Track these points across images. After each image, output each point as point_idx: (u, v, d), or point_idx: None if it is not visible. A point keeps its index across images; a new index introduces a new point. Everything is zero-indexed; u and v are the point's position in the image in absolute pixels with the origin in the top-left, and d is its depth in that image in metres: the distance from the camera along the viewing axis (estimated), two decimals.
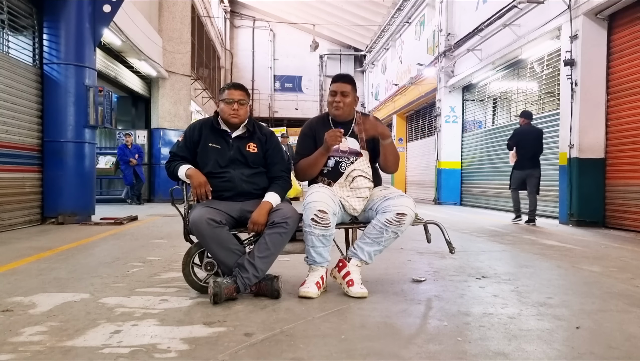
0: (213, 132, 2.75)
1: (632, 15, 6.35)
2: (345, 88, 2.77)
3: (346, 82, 2.80)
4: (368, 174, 2.73)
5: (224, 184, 2.66)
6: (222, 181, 2.66)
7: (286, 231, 2.51)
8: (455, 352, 1.78)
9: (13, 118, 5.69)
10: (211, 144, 2.72)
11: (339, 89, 2.77)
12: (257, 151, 2.75)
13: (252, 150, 2.74)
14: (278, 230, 2.49)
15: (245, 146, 2.73)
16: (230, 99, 2.67)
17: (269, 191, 2.65)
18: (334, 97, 2.78)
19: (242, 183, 2.66)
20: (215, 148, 2.71)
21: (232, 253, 2.48)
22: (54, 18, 6.24)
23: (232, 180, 2.66)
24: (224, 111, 2.70)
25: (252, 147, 2.74)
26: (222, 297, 2.37)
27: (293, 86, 24.03)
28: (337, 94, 2.77)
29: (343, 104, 2.77)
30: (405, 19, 16.35)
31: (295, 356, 1.72)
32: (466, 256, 4.04)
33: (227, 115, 2.68)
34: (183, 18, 12.80)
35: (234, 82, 2.96)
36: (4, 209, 5.48)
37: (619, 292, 2.78)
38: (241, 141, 2.74)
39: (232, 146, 2.72)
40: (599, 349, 1.84)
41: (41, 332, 1.95)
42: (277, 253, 2.53)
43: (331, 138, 2.60)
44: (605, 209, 6.82)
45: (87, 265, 3.43)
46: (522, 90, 9.52)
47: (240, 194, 2.67)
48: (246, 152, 2.72)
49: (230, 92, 2.70)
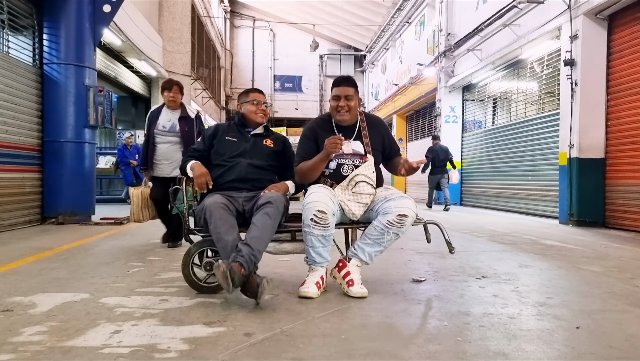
0: (231, 128, 2.98)
1: (632, 15, 6.35)
2: (349, 91, 2.72)
3: (349, 85, 2.75)
4: (372, 180, 2.70)
5: (228, 170, 2.80)
6: (230, 165, 2.80)
7: (272, 209, 2.48)
8: (455, 352, 1.78)
9: (13, 118, 5.69)
10: (228, 137, 2.92)
11: (342, 93, 2.72)
12: (274, 147, 2.97)
13: (269, 145, 2.96)
14: (264, 210, 2.49)
15: (263, 141, 2.96)
16: (258, 101, 2.97)
17: (288, 181, 2.87)
18: (338, 102, 2.72)
19: (247, 170, 2.79)
20: (232, 141, 2.90)
21: (234, 239, 2.42)
22: (54, 18, 6.24)
23: (237, 166, 2.80)
24: (251, 110, 2.95)
25: (269, 142, 2.98)
26: (237, 278, 2.22)
27: (293, 86, 24.04)
28: (341, 99, 2.72)
29: (348, 108, 2.72)
30: (405, 19, 16.35)
31: (295, 356, 1.72)
32: (466, 256, 4.04)
33: (255, 114, 2.95)
34: (183, 18, 12.81)
35: (254, 87, 3.28)
36: (4, 209, 5.48)
37: (619, 292, 2.78)
38: (259, 137, 2.97)
39: (249, 139, 2.93)
40: (599, 349, 1.84)
41: (41, 332, 1.95)
42: (268, 232, 2.44)
43: (331, 146, 2.53)
44: (605, 209, 6.82)
45: (87, 265, 3.42)
46: (522, 90, 9.52)
47: (241, 179, 2.75)
48: (262, 145, 2.93)
49: (256, 95, 3.00)
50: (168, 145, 4.30)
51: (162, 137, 4.30)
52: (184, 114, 4.34)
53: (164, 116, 4.34)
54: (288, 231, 2.71)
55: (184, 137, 4.29)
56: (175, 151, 4.29)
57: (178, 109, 4.37)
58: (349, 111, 2.73)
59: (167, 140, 4.30)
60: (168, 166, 4.29)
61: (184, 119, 4.32)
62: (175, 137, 4.30)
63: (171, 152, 4.29)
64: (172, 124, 4.31)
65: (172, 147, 4.30)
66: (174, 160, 4.26)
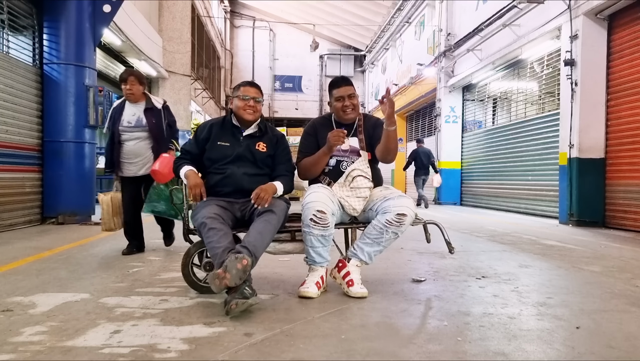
0: (224, 130, 2.76)
1: (632, 15, 6.35)
2: (351, 90, 2.82)
3: (349, 84, 2.86)
4: (368, 174, 2.73)
5: (224, 180, 2.65)
6: (224, 177, 2.65)
7: (274, 217, 2.46)
8: (455, 352, 1.78)
9: (13, 118, 5.69)
10: (220, 142, 2.72)
11: (345, 92, 2.81)
12: (267, 150, 2.75)
13: (262, 149, 2.74)
14: (265, 217, 2.45)
15: (255, 145, 2.73)
16: (246, 96, 2.70)
17: (275, 181, 2.66)
18: (343, 102, 2.80)
19: (242, 180, 2.64)
20: (225, 146, 2.71)
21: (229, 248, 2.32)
22: (54, 18, 6.24)
23: (232, 176, 2.64)
24: (239, 106, 2.70)
25: (262, 146, 2.75)
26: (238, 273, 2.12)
27: (293, 86, 24.04)
28: (345, 98, 2.80)
29: (353, 106, 2.81)
30: (405, 19, 16.35)
31: (295, 356, 1.72)
32: (466, 256, 4.04)
33: (243, 110, 2.69)
34: (183, 18, 12.82)
35: (248, 80, 2.96)
36: (4, 209, 5.48)
37: (619, 292, 2.78)
38: (251, 140, 2.75)
39: (242, 143, 2.72)
40: (599, 349, 1.84)
41: (41, 332, 1.95)
42: (267, 238, 2.41)
43: (334, 138, 2.60)
44: (605, 209, 6.82)
45: (87, 265, 3.42)
46: (522, 90, 9.53)
47: (239, 191, 2.64)
48: (255, 151, 2.72)
49: (246, 88, 2.73)
50: (136, 141, 3.91)
51: (128, 133, 3.90)
52: (149, 106, 3.94)
53: (127, 110, 3.94)
54: (288, 231, 2.71)
55: (152, 131, 3.90)
56: (144, 147, 3.92)
57: (142, 101, 3.97)
58: (354, 109, 2.82)
59: (135, 136, 3.91)
60: (138, 165, 3.92)
61: (149, 111, 3.92)
62: (143, 132, 3.90)
63: (140, 149, 3.91)
64: (138, 118, 3.91)
65: (140, 144, 3.91)
66: (144, 157, 3.91)
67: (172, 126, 4.05)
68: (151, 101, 3.98)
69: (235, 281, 2.12)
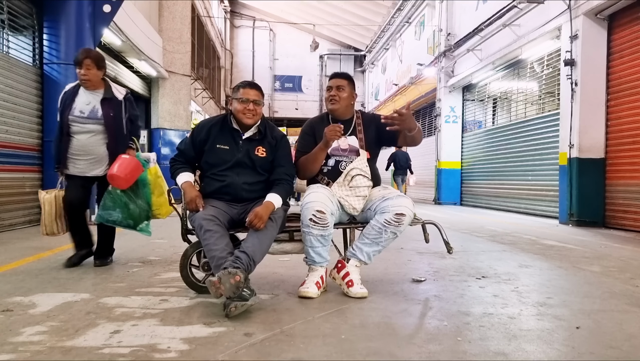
0: (223, 132, 2.67)
1: (632, 15, 6.35)
2: (341, 83, 2.82)
3: (342, 77, 2.85)
4: (367, 173, 2.73)
5: (224, 188, 2.62)
6: (223, 185, 2.62)
7: (271, 223, 2.45)
8: (455, 352, 1.78)
9: (13, 118, 5.69)
10: (219, 145, 2.64)
11: (334, 84, 2.83)
12: (266, 155, 2.67)
13: (261, 154, 2.66)
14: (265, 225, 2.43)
15: (255, 150, 2.65)
16: (245, 98, 2.59)
17: (272, 192, 2.56)
18: (330, 92, 2.83)
19: (242, 191, 2.62)
20: (224, 149, 2.64)
21: (225, 250, 2.34)
22: (54, 18, 6.24)
23: (231, 185, 2.61)
24: (238, 110, 2.60)
25: (262, 151, 2.67)
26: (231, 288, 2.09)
27: (293, 86, 24.05)
28: (333, 89, 2.81)
29: (339, 97, 2.80)
30: (405, 19, 16.36)
31: (295, 356, 1.72)
32: (466, 256, 4.04)
33: (242, 114, 2.60)
34: (183, 18, 12.80)
35: (249, 80, 2.83)
36: (4, 209, 5.48)
37: (619, 292, 2.78)
38: (251, 144, 2.66)
39: (241, 148, 2.64)
40: (599, 349, 1.84)
41: (41, 332, 1.95)
42: (265, 244, 2.40)
43: (330, 133, 2.60)
44: (605, 209, 6.82)
45: (87, 265, 3.42)
46: (522, 90, 9.53)
47: (238, 199, 2.63)
48: (254, 157, 2.64)
49: (245, 90, 2.62)
50: (88, 136, 3.29)
51: (79, 125, 3.28)
52: (108, 95, 3.36)
53: (81, 97, 3.34)
54: (287, 231, 2.70)
55: (108, 125, 3.30)
56: (98, 143, 3.31)
57: (100, 89, 3.38)
58: (339, 100, 2.80)
59: (87, 129, 3.29)
60: (88, 163, 3.32)
61: (107, 102, 3.34)
62: (98, 126, 3.30)
63: (92, 144, 3.30)
64: (93, 108, 3.31)
65: (93, 139, 3.30)
66: (95, 155, 3.32)
67: (134, 121, 3.51)
68: (111, 90, 3.40)
69: (229, 294, 2.10)
